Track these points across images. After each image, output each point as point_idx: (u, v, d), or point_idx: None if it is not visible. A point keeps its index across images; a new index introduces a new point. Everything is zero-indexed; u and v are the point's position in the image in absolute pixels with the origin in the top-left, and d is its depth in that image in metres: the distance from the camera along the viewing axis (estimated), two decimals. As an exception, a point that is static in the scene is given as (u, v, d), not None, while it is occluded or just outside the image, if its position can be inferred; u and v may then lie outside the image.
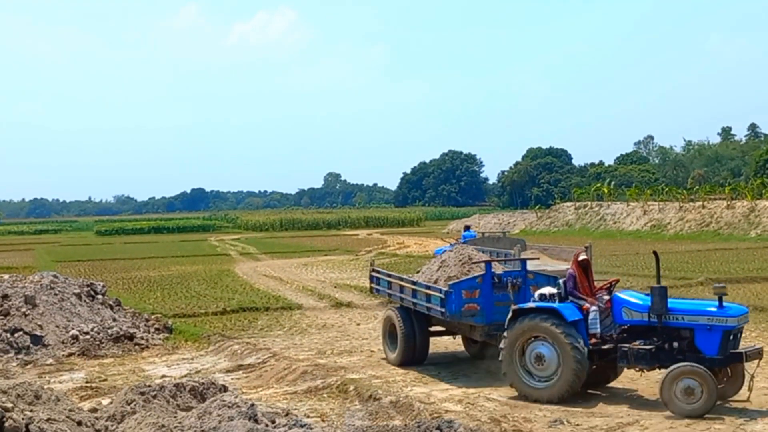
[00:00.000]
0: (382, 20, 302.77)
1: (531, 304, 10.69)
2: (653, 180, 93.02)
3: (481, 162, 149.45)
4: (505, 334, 10.65)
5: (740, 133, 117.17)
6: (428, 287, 12.20)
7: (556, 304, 10.46)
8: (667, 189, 67.15)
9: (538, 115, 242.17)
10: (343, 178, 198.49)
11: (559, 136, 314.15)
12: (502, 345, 10.68)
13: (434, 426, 7.59)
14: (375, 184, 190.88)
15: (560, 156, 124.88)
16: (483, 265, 12.22)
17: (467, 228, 25.30)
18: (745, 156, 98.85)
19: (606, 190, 69.33)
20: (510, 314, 10.69)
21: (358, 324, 18.06)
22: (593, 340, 10.39)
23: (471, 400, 10.63)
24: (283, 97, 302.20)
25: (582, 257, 11.07)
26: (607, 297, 10.69)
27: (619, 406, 10.16)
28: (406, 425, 8.07)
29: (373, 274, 14.35)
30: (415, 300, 12.55)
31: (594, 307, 10.46)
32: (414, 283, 12.70)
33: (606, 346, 10.42)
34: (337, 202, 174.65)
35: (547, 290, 10.81)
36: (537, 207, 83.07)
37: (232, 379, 12.52)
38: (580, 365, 10.13)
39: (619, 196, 68.69)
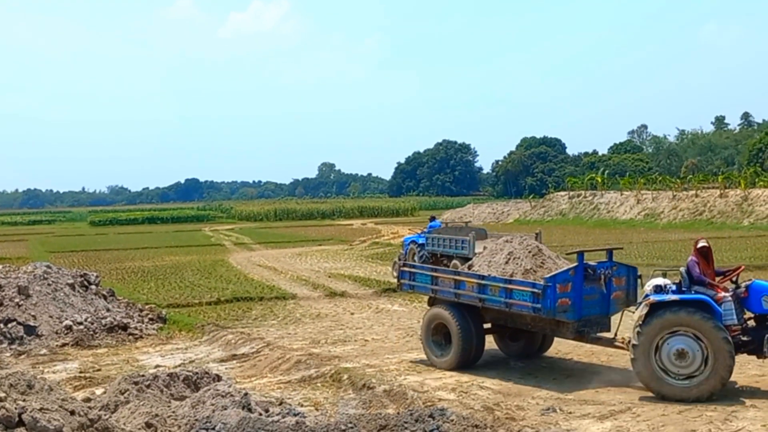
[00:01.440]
0: (376, 11, 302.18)
1: (673, 297, 9.90)
2: (647, 169, 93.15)
3: (475, 152, 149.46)
4: (639, 330, 9.88)
5: (733, 122, 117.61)
6: (509, 281, 11.20)
7: (703, 296, 9.82)
8: (660, 178, 67.28)
9: (532, 105, 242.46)
10: (337, 168, 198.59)
11: (553, 126, 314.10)
12: (635, 341, 9.92)
13: (427, 414, 7.64)
14: (369, 174, 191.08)
15: (554, 145, 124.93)
16: (553, 259, 11.59)
17: (433, 218, 26.54)
18: (738, 145, 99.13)
19: (599, 180, 69.42)
20: (645, 308, 9.92)
21: (352, 313, 18.08)
22: (732, 332, 9.77)
23: (464, 388, 10.67)
24: (278, 88, 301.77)
25: (701, 244, 10.44)
26: (733, 286, 10.20)
27: (612, 394, 10.20)
28: (399, 413, 8.11)
29: (405, 269, 13.06)
30: (483, 296, 11.46)
31: (728, 296, 9.91)
32: (482, 277, 11.54)
33: (745, 337, 9.88)
34: (332, 192, 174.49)
35: (661, 281, 10.22)
36: (531, 196, 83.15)
37: (225, 368, 12.54)
38: (732, 360, 9.61)
39: (612, 186, 68.82)
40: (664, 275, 10.53)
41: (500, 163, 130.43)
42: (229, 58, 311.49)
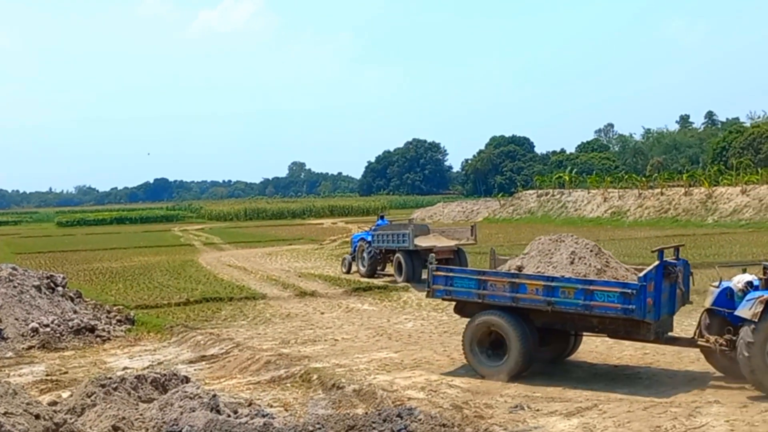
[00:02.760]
0: (347, 10, 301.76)
1: None
2: (613, 167, 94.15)
3: (445, 150, 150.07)
4: (755, 327, 9.53)
5: (698, 121, 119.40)
6: (590, 282, 10.53)
7: None
8: (626, 176, 68.08)
9: (501, 104, 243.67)
10: (307, 168, 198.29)
11: (521, 125, 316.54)
12: (750, 339, 9.57)
13: (395, 414, 7.69)
14: (339, 173, 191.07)
15: (523, 144, 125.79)
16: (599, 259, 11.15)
17: (381, 217, 27.90)
18: (702, 143, 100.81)
19: (567, 178, 70.04)
20: (760, 306, 9.57)
21: (323, 313, 18.09)
22: None
23: (434, 387, 10.72)
24: (248, 87, 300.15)
25: None
26: None
27: (579, 390, 10.32)
28: (367, 413, 8.16)
29: (440, 273, 11.92)
30: (552, 298, 10.67)
31: None
32: (552, 279, 10.77)
33: None
34: (302, 192, 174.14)
35: (749, 277, 10.14)
36: (500, 195, 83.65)
37: (194, 370, 12.49)
38: None
39: (580, 184, 69.48)
40: (744, 271, 10.48)
41: (470, 161, 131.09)
42: (199, 56, 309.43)
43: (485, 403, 9.74)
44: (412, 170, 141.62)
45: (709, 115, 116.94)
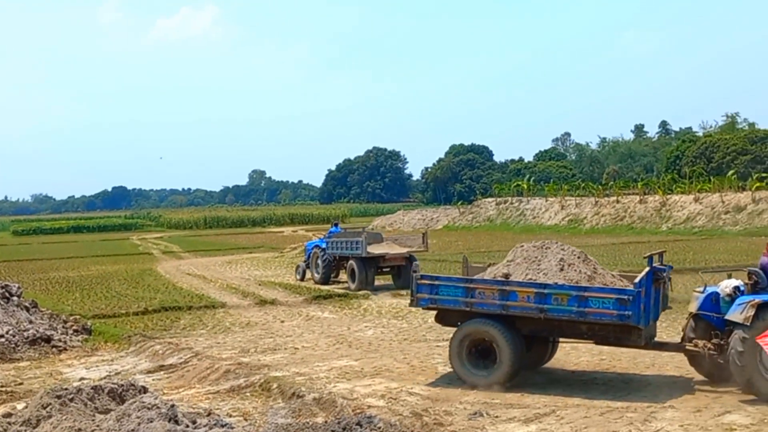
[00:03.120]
0: (306, 18, 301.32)
1: None
2: (570, 176, 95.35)
3: (405, 159, 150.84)
4: (745, 335, 9.58)
5: (652, 131, 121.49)
6: (584, 289, 10.45)
7: None
8: (583, 184, 68.99)
9: (460, 112, 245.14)
10: (268, 176, 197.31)
11: (480, 133, 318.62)
12: (741, 348, 9.59)
13: (354, 422, 7.71)
14: (300, 181, 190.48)
15: (482, 152, 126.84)
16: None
17: (335, 225, 28.37)
18: (656, 152, 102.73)
19: (525, 186, 70.72)
20: (751, 310, 9.66)
21: (282, 321, 18.05)
22: None
23: (393, 394, 10.76)
24: (208, 94, 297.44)
25: None
26: None
27: (537, 396, 10.45)
28: (326, 422, 8.17)
29: (424, 282, 11.61)
30: (545, 305, 10.59)
31: None
32: (545, 286, 10.65)
33: None
34: (262, 200, 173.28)
35: (734, 282, 10.26)
36: (459, 203, 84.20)
37: (153, 380, 12.36)
38: None
39: (538, 192, 70.21)
40: (730, 276, 10.63)
41: (429, 170, 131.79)
42: (158, 63, 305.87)
43: (445, 411, 9.81)
44: (373, 178, 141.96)
45: (663, 124, 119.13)
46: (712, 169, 68.99)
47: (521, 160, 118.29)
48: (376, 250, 23.38)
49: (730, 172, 57.93)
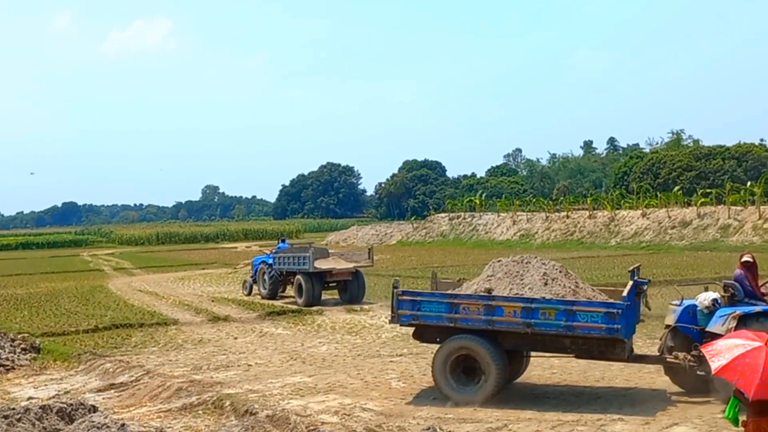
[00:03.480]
0: (262, 31, 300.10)
1: (759, 308, 10.00)
2: (522, 191, 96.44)
3: (359, 174, 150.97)
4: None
5: (601, 147, 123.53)
6: (573, 303, 10.44)
7: None
8: (534, 200, 70.03)
9: (413, 128, 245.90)
10: (221, 191, 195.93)
11: (433, 149, 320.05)
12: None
13: (309, 438, 7.73)
14: (254, 197, 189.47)
15: (435, 168, 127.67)
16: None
17: (283, 240, 28.72)
18: (605, 168, 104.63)
19: (478, 201, 71.43)
20: (733, 321, 9.80)
21: (236, 338, 17.94)
22: None
23: (347, 411, 10.78)
24: (160, 108, 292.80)
25: (745, 258, 10.60)
26: None
27: (490, 410, 10.54)
28: (281, 438, 8.16)
29: (405, 298, 11.42)
30: (532, 320, 10.48)
31: None
32: (532, 301, 10.57)
33: None
34: (216, 215, 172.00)
35: (712, 295, 10.45)
36: (413, 218, 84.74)
37: (103, 398, 12.19)
38: None
39: (490, 207, 70.92)
40: (706, 289, 10.79)
41: (383, 185, 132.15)
42: (111, 75, 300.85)
43: (398, 426, 9.86)
44: (327, 194, 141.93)
45: (611, 141, 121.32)
46: (659, 184, 70.53)
47: (473, 175, 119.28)
48: (322, 265, 23.52)
49: (676, 188, 59.28)
